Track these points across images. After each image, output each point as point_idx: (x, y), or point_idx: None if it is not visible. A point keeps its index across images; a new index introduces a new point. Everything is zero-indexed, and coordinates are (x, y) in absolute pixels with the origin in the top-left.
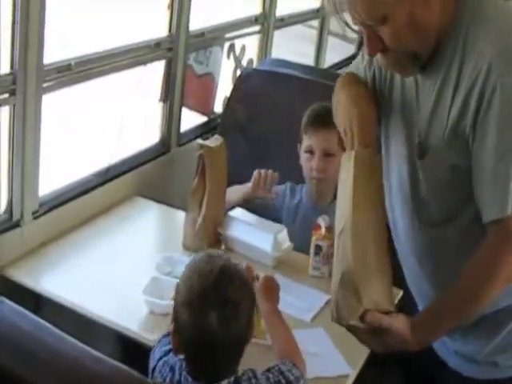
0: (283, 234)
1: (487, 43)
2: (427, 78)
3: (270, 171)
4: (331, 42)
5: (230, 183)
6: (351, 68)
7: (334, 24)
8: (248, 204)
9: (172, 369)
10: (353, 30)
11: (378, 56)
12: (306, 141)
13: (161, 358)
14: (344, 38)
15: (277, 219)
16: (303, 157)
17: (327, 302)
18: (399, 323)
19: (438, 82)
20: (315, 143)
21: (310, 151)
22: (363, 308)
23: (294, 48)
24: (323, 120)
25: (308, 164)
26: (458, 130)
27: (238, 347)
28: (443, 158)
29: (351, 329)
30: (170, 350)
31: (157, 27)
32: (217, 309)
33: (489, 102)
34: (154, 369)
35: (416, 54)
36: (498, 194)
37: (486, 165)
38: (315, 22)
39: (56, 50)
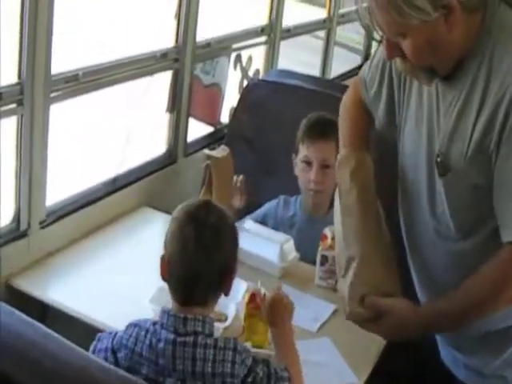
0: (290, 245)
1: None
2: (449, 92)
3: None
4: (338, 53)
5: None
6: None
7: (340, 35)
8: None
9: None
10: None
11: (397, 60)
12: (303, 151)
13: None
14: (350, 48)
15: None
16: (299, 167)
17: (333, 312)
18: (400, 303)
19: (461, 96)
20: (313, 154)
21: (307, 162)
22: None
23: (300, 58)
24: (321, 130)
25: (305, 175)
26: (482, 147)
27: (219, 276)
28: (465, 176)
29: (355, 319)
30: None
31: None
32: (197, 231)
33: None
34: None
35: (434, 69)
36: None
37: (508, 184)
38: (322, 33)
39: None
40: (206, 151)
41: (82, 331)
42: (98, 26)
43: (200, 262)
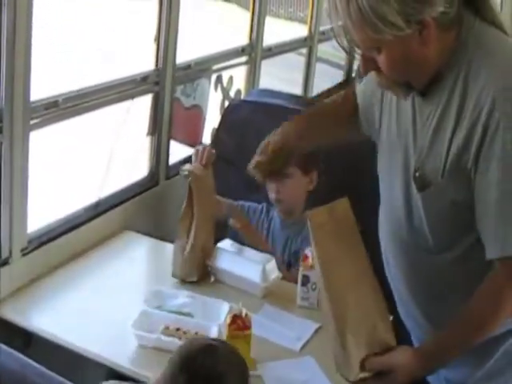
0: (271, 264)
1: (490, 79)
2: (426, 107)
3: (208, 147)
4: (320, 69)
5: None
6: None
7: (322, 51)
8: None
9: None
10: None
11: (373, 73)
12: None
13: None
14: (333, 64)
15: None
16: (268, 183)
17: (316, 331)
18: (400, 357)
19: (437, 111)
20: None
21: None
22: (358, 366)
23: (283, 75)
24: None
25: (270, 188)
26: (460, 164)
27: None
28: (443, 191)
29: (360, 381)
30: None
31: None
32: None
33: (492, 138)
34: None
35: (409, 83)
36: (502, 231)
37: (489, 201)
38: (304, 49)
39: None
40: (186, 166)
41: (66, 357)
42: (77, 52)
43: None
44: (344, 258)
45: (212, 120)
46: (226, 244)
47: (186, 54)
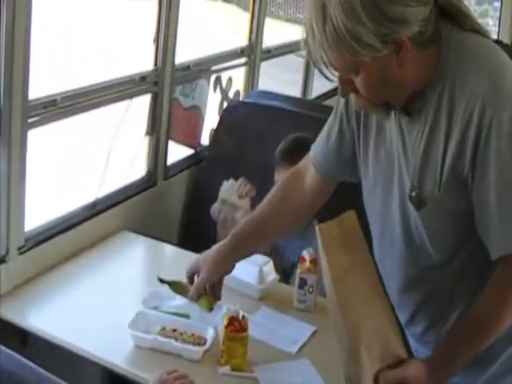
0: (269, 266)
1: (478, 82)
2: (413, 126)
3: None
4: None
5: None
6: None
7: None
8: None
9: None
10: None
11: (352, 96)
12: (278, 174)
13: None
14: None
15: None
16: None
17: (313, 334)
18: (413, 369)
19: (426, 128)
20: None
21: None
22: (371, 380)
23: (283, 77)
24: (293, 156)
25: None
26: (455, 173)
27: None
28: (442, 205)
29: None
30: None
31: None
32: None
33: (486, 138)
34: None
35: (389, 103)
36: (506, 228)
37: (489, 201)
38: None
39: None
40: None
41: (63, 357)
42: (76, 51)
43: None
44: (355, 271)
45: (211, 121)
46: None
47: (185, 53)
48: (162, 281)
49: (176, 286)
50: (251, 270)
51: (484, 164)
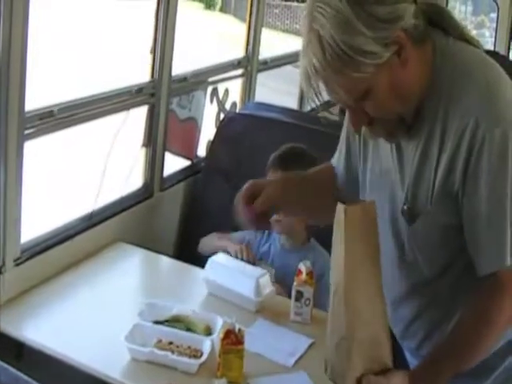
0: (265, 279)
1: (472, 98)
2: (410, 143)
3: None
4: None
5: (216, 226)
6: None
7: None
8: None
9: None
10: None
11: (364, 129)
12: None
13: None
14: None
15: None
16: None
17: (309, 346)
18: (397, 380)
19: (420, 142)
20: None
21: None
22: (354, 380)
23: (279, 87)
24: (282, 163)
25: None
26: (447, 187)
27: None
28: (433, 219)
29: None
30: None
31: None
32: None
33: (478, 154)
34: None
35: (402, 117)
36: (494, 245)
37: (479, 216)
38: None
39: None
40: None
41: (58, 369)
42: (72, 62)
43: None
44: (367, 264)
45: (207, 132)
46: (219, 258)
47: (181, 63)
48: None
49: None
50: (248, 283)
51: (475, 179)
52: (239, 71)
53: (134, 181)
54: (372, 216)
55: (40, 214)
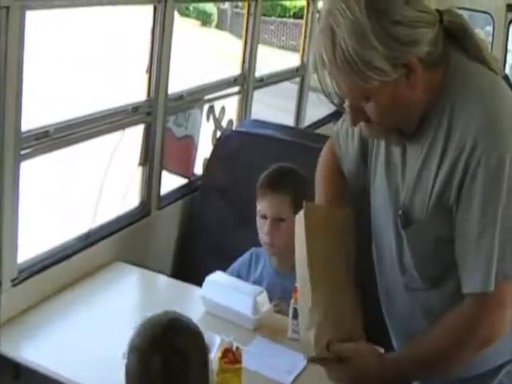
0: (263, 297)
1: (474, 117)
2: (414, 146)
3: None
4: (313, 98)
5: (213, 244)
6: (334, 135)
7: (315, 80)
8: None
9: None
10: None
11: (362, 125)
12: (259, 206)
13: None
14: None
15: None
16: (258, 222)
17: (308, 364)
18: (365, 348)
19: (423, 151)
20: (265, 209)
21: (263, 216)
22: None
23: (277, 104)
24: (271, 183)
25: (262, 229)
26: (443, 201)
27: None
28: (427, 228)
29: (319, 362)
30: None
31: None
32: (163, 355)
33: (473, 175)
34: None
35: (400, 129)
36: (480, 267)
37: (469, 237)
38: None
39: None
40: None
41: None
42: (68, 81)
43: None
44: (331, 258)
45: (204, 150)
46: (217, 276)
47: (177, 80)
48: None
49: None
50: (245, 301)
51: (468, 198)
52: (235, 89)
53: (131, 200)
54: (343, 219)
55: (37, 234)
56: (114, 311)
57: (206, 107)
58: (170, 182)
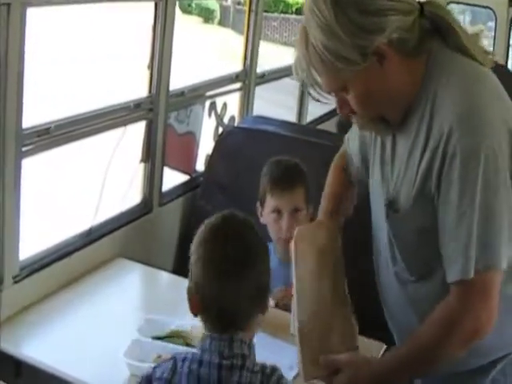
0: None
1: (451, 107)
2: (401, 137)
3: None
4: None
5: None
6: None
7: None
8: None
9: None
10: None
11: (352, 116)
12: (272, 201)
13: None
14: None
15: None
16: (269, 218)
17: None
18: (355, 356)
19: (409, 141)
20: (283, 204)
21: (278, 211)
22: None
23: (279, 100)
24: (288, 180)
25: (276, 224)
26: (425, 190)
27: (257, 295)
28: (411, 218)
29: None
30: None
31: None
32: (226, 250)
33: (450, 163)
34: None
35: (383, 118)
36: (459, 255)
37: (448, 225)
38: None
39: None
40: None
41: None
42: (70, 78)
43: (236, 285)
44: (320, 274)
45: (206, 147)
46: None
47: (179, 76)
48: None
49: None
50: None
51: (446, 187)
52: (237, 85)
53: (133, 196)
54: (331, 235)
55: (38, 231)
56: (116, 308)
57: (207, 103)
58: (172, 178)
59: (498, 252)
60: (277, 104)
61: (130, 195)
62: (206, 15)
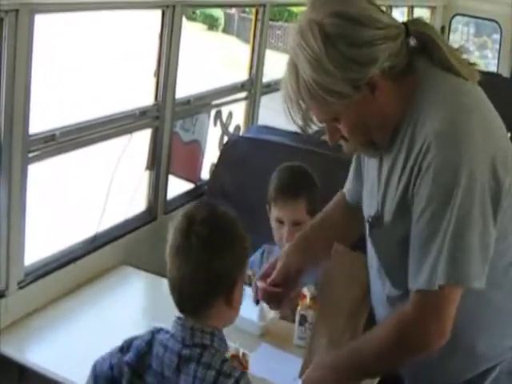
0: None
1: (431, 125)
2: (387, 156)
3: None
4: None
5: None
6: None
7: None
8: None
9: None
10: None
11: (341, 142)
12: (276, 211)
13: None
14: None
15: None
16: (273, 224)
17: None
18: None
19: (392, 158)
20: (285, 215)
21: (280, 221)
22: None
23: (278, 108)
24: (291, 191)
25: (279, 232)
26: (405, 202)
27: (215, 282)
28: (393, 230)
29: None
30: None
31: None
32: (189, 231)
33: (422, 178)
34: None
35: (373, 142)
36: (427, 266)
37: (417, 235)
38: None
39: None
40: None
41: None
42: (77, 84)
43: (192, 266)
44: (342, 302)
45: (211, 155)
46: None
47: (183, 82)
48: None
49: None
50: (252, 307)
51: (419, 201)
52: (243, 94)
53: (138, 204)
54: (358, 265)
55: (44, 237)
56: (120, 315)
57: (213, 112)
58: (177, 186)
59: (467, 268)
60: (282, 113)
61: (135, 203)
62: (211, 22)
